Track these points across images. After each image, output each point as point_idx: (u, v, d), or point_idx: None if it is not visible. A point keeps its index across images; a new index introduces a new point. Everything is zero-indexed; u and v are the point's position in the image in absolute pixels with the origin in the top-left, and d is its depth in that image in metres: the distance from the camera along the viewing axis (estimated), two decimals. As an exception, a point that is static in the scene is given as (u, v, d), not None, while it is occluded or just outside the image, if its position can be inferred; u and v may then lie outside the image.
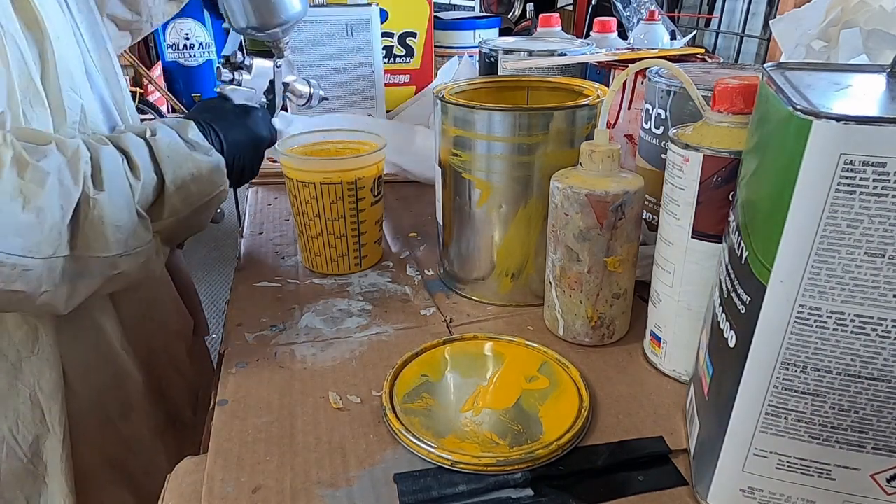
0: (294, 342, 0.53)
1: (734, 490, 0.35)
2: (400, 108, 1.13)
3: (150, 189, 0.50)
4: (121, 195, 0.48)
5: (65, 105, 0.50)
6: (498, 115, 0.52)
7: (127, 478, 0.62)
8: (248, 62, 0.66)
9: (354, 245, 0.64)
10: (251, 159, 0.63)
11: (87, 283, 0.48)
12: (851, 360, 0.29)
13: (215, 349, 0.68)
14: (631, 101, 0.69)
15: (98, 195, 0.46)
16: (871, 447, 0.31)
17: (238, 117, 0.62)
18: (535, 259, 0.57)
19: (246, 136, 0.61)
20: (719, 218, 0.41)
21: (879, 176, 0.26)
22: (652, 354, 0.50)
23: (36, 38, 0.48)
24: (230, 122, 0.61)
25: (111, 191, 0.47)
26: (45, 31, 0.48)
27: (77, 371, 0.57)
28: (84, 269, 0.47)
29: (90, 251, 0.46)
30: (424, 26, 1.11)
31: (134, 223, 0.49)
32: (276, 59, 0.68)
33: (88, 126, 0.53)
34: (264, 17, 0.62)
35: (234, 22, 0.63)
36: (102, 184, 0.46)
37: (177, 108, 3.14)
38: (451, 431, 0.42)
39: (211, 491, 0.39)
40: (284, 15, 0.63)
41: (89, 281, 0.48)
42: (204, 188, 0.54)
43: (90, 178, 0.46)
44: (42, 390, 0.54)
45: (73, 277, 0.46)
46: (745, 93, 0.41)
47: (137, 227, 0.49)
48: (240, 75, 0.66)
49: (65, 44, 0.51)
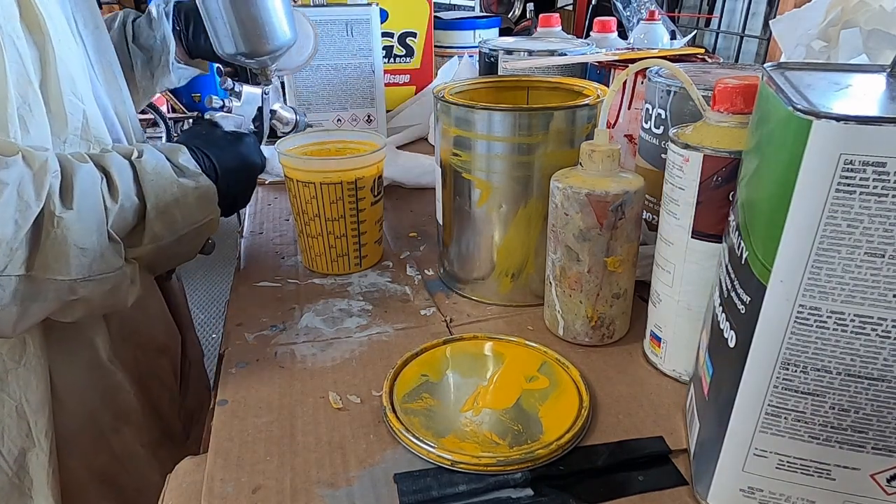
0: (294, 342, 0.53)
1: (734, 490, 0.35)
2: (400, 107, 1.13)
3: (130, 213, 0.48)
4: (92, 216, 0.45)
5: (66, 110, 0.49)
6: (498, 115, 0.52)
7: (117, 493, 0.61)
8: (238, 89, 0.65)
9: (354, 245, 0.64)
10: (244, 187, 0.61)
11: (41, 306, 0.44)
12: (851, 360, 0.29)
13: (215, 349, 0.68)
14: (631, 101, 0.69)
15: (65, 213, 0.43)
16: (871, 447, 0.31)
17: (231, 144, 0.60)
18: (535, 259, 0.57)
19: (239, 163, 0.59)
20: (719, 218, 0.41)
21: (879, 176, 0.26)
22: (652, 354, 0.50)
23: (36, 40, 0.47)
24: (223, 148, 0.59)
25: (81, 210, 0.44)
26: (46, 33, 0.47)
27: (66, 384, 0.56)
28: (39, 291, 0.43)
29: (48, 272, 0.43)
30: (424, 26, 1.11)
31: (102, 247, 0.46)
32: (264, 87, 0.67)
33: (91, 133, 0.52)
34: (253, 45, 0.60)
35: (222, 48, 0.61)
36: (72, 202, 0.44)
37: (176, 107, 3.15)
38: (451, 431, 0.42)
39: (211, 491, 0.39)
40: (275, 42, 0.61)
41: (43, 304, 0.44)
42: (190, 215, 0.52)
43: (58, 194, 0.43)
44: (28, 402, 0.53)
45: (26, 298, 0.43)
46: (745, 93, 0.41)
47: (106, 251, 0.46)
48: (230, 102, 0.65)
49: (66, 47, 0.50)
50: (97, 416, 0.59)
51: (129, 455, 0.61)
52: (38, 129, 0.47)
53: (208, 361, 0.87)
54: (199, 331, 2.12)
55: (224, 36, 0.60)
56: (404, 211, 0.81)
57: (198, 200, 0.52)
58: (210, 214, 0.54)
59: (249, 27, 0.60)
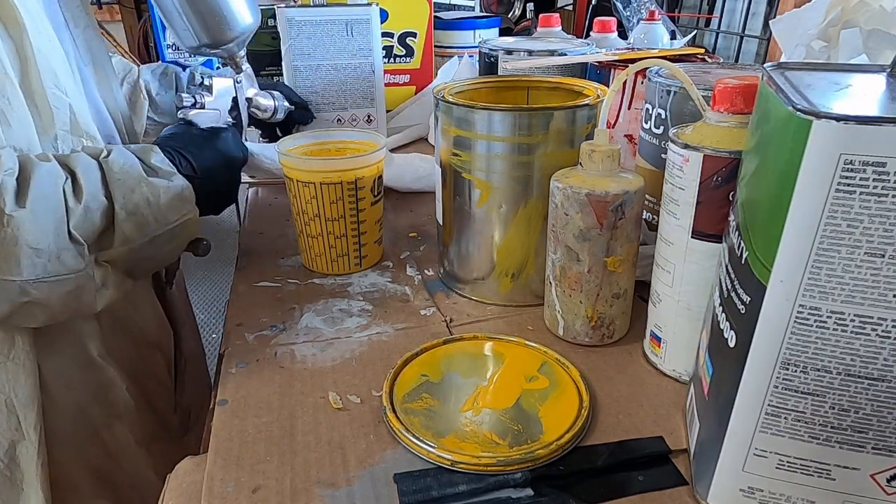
0: (294, 342, 0.53)
1: (734, 490, 0.35)
2: (400, 107, 1.13)
3: (97, 214, 0.47)
4: (49, 216, 0.44)
5: (50, 104, 0.49)
6: (498, 115, 0.52)
7: (112, 489, 0.61)
8: (208, 82, 0.63)
9: (354, 245, 0.64)
10: (227, 182, 0.60)
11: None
12: (851, 360, 0.29)
13: (215, 349, 0.68)
14: (631, 101, 0.69)
15: (17, 212, 0.42)
16: (871, 447, 0.31)
17: (208, 140, 0.59)
18: (535, 259, 0.56)
19: (218, 159, 0.58)
20: (719, 218, 0.41)
21: (879, 176, 0.26)
22: (652, 354, 0.50)
23: (12, 33, 0.46)
24: (200, 146, 0.57)
25: (37, 210, 0.43)
26: (22, 26, 0.46)
27: (55, 379, 0.55)
28: None
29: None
30: (424, 26, 1.11)
31: (60, 248, 0.44)
32: (235, 75, 0.65)
33: (81, 128, 0.51)
34: (214, 34, 0.59)
35: (185, 42, 0.60)
36: (27, 201, 0.43)
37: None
38: (451, 431, 0.42)
39: (211, 491, 0.39)
40: (236, 28, 0.60)
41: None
42: (163, 216, 0.50)
43: (12, 192, 0.42)
44: (17, 397, 0.53)
45: None
46: (745, 93, 0.41)
47: (64, 252, 0.45)
48: (201, 98, 0.62)
49: (46, 40, 0.49)
50: (89, 412, 0.59)
51: (123, 450, 0.61)
52: (20, 124, 0.47)
53: (208, 361, 0.88)
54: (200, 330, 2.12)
55: (183, 30, 0.59)
56: (404, 211, 0.81)
57: (171, 200, 0.51)
58: (186, 215, 0.53)
59: (207, 18, 0.58)
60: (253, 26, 0.63)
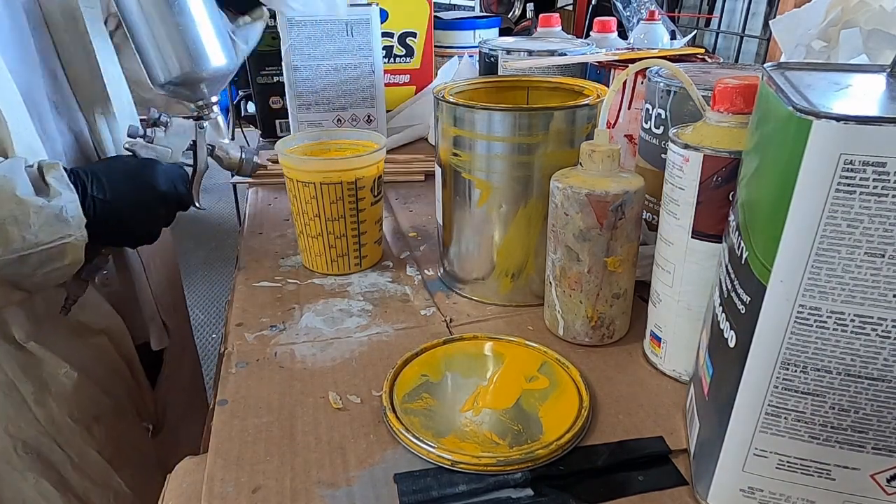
0: (294, 342, 0.53)
1: (734, 490, 0.35)
2: (400, 107, 1.13)
3: None
4: None
5: None
6: (498, 115, 0.52)
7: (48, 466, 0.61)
8: (165, 119, 0.61)
9: (354, 245, 0.64)
10: (142, 215, 0.57)
11: None
12: (851, 360, 0.29)
13: (215, 349, 0.68)
14: (631, 101, 0.69)
15: None
16: (871, 447, 0.31)
17: (133, 169, 0.57)
18: (535, 259, 0.57)
19: (136, 189, 0.56)
20: (719, 218, 0.41)
21: (879, 176, 0.26)
22: (652, 354, 0.50)
23: None
24: (121, 172, 0.55)
25: None
26: None
27: None
28: None
29: None
30: (424, 26, 1.11)
31: None
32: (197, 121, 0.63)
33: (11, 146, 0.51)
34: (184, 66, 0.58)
35: (153, 76, 0.59)
36: None
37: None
38: (451, 431, 0.42)
39: (211, 491, 0.39)
40: (208, 66, 0.59)
41: None
42: (33, 236, 0.48)
43: None
44: None
45: None
46: (745, 93, 0.41)
47: None
48: (153, 132, 0.61)
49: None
50: (18, 386, 0.59)
51: (59, 428, 0.61)
52: None
53: (209, 361, 0.88)
54: (200, 330, 2.12)
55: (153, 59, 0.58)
56: (404, 211, 0.81)
57: (46, 220, 0.49)
58: (64, 238, 0.50)
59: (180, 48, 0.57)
60: (226, 69, 0.62)
